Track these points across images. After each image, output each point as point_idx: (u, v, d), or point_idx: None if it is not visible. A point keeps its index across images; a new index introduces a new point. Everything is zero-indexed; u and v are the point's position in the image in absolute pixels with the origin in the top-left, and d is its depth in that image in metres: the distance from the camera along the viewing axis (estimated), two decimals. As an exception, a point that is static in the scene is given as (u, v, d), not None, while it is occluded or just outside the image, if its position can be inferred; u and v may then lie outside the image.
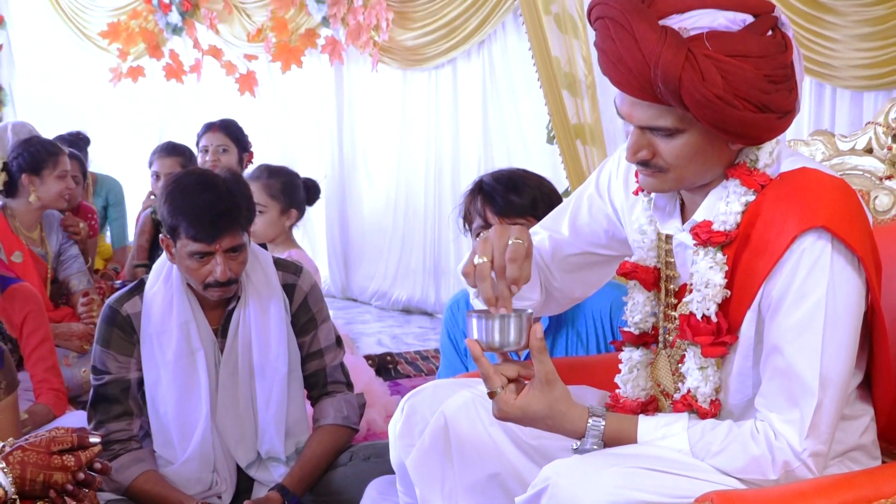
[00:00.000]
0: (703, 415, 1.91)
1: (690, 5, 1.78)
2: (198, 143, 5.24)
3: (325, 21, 6.81)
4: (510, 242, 1.88)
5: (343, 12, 6.66)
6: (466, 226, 2.88)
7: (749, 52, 1.74)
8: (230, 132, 5.22)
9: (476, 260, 1.89)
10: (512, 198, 2.77)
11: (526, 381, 1.91)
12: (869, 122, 2.36)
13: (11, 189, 4.36)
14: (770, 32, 1.79)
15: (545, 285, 2.21)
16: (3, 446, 2.03)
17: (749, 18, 1.79)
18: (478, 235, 2.72)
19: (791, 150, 2.00)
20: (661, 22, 1.77)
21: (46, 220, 4.51)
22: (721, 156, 1.89)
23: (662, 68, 1.73)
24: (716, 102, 1.73)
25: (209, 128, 5.22)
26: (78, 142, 5.81)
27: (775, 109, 1.78)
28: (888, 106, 2.32)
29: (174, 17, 7.91)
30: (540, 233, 2.24)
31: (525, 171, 2.91)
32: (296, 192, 4.18)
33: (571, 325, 2.89)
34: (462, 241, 6.29)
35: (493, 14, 5.89)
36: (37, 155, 4.36)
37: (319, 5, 6.74)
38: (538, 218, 2.69)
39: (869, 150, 2.34)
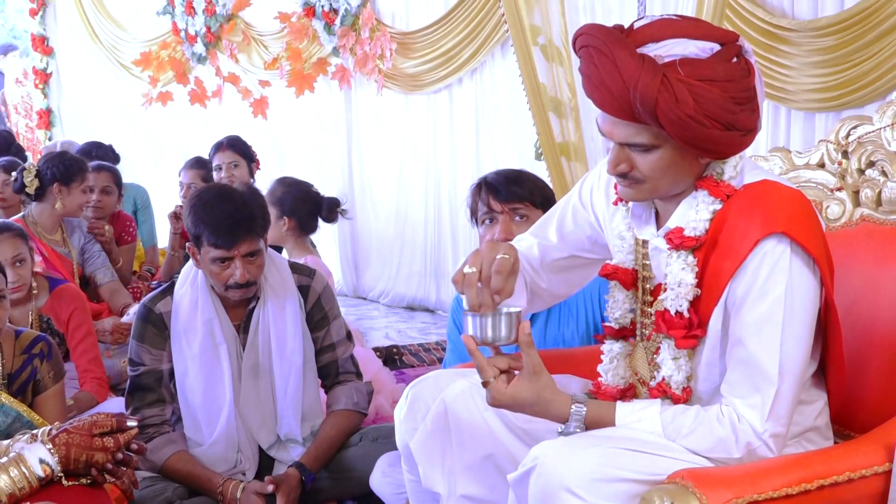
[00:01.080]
0: (675, 400, 1.91)
1: (665, 35, 1.79)
2: (211, 163, 5.23)
3: (335, 51, 6.80)
4: (498, 257, 1.89)
5: (351, 43, 6.67)
6: (472, 218, 2.88)
7: (717, 76, 1.75)
8: (237, 148, 5.21)
9: (466, 269, 1.91)
10: (513, 188, 2.77)
11: (516, 372, 1.91)
12: (821, 140, 2.36)
13: (39, 194, 4.36)
14: (735, 59, 1.80)
15: (531, 287, 2.21)
16: (50, 429, 2.03)
17: (716, 47, 1.79)
18: (483, 223, 2.80)
19: (753, 164, 2.00)
20: (639, 50, 1.77)
21: (66, 223, 4.51)
22: (691, 169, 1.89)
23: (641, 91, 1.74)
24: (688, 122, 1.74)
25: (218, 147, 5.21)
26: (108, 153, 5.85)
27: (740, 128, 1.79)
28: (839, 126, 2.32)
29: (199, 47, 7.91)
30: (529, 239, 2.24)
31: (523, 170, 2.94)
32: (296, 203, 4.14)
33: (563, 301, 2.88)
34: (458, 245, 6.30)
35: (484, 45, 5.88)
36: (71, 168, 4.38)
37: (330, 37, 6.74)
38: (535, 205, 2.75)
39: (821, 165, 2.34)
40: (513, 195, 2.77)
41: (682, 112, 1.73)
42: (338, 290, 7.15)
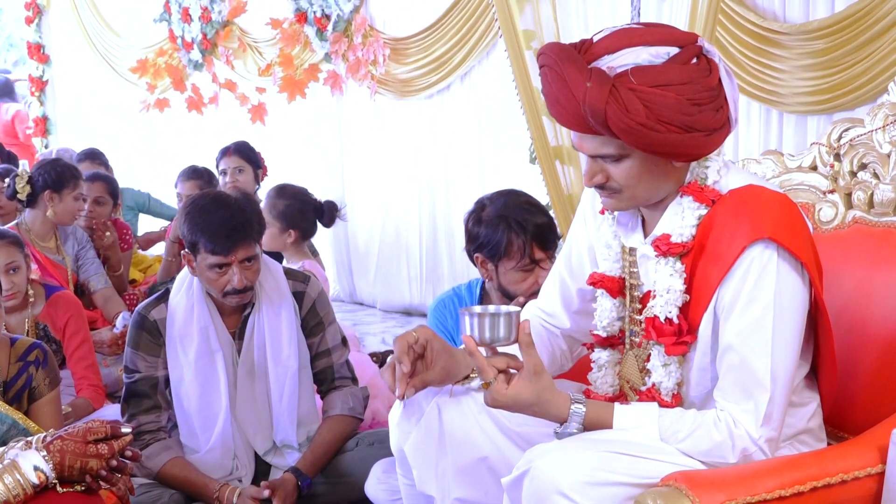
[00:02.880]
0: (664, 406, 1.91)
1: (620, 46, 1.81)
2: (217, 167, 5.23)
3: (327, 57, 6.80)
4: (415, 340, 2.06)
5: (344, 49, 6.67)
6: (490, 259, 2.82)
7: (671, 80, 1.77)
8: (244, 154, 5.20)
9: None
10: (549, 236, 2.80)
11: (513, 371, 1.91)
12: (814, 143, 2.36)
13: (31, 201, 4.35)
14: (696, 60, 1.80)
15: (566, 337, 2.25)
16: (45, 436, 2.02)
17: (673, 51, 1.80)
18: (522, 269, 2.77)
19: (738, 169, 2.00)
20: (594, 64, 1.80)
21: (60, 230, 4.48)
22: (668, 174, 1.90)
23: (589, 104, 1.76)
24: (640, 129, 1.76)
25: (225, 152, 5.21)
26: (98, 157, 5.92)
27: (701, 128, 1.80)
28: (831, 129, 2.32)
29: (195, 54, 7.91)
30: (546, 288, 2.28)
31: (540, 205, 2.93)
32: (298, 215, 4.13)
33: None
34: (454, 250, 6.29)
35: (474, 49, 5.89)
36: (62, 175, 4.35)
37: (322, 42, 6.74)
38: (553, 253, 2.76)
39: (814, 168, 2.34)
40: (552, 243, 2.79)
41: (632, 121, 1.76)
42: (334, 295, 7.14)
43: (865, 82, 3.82)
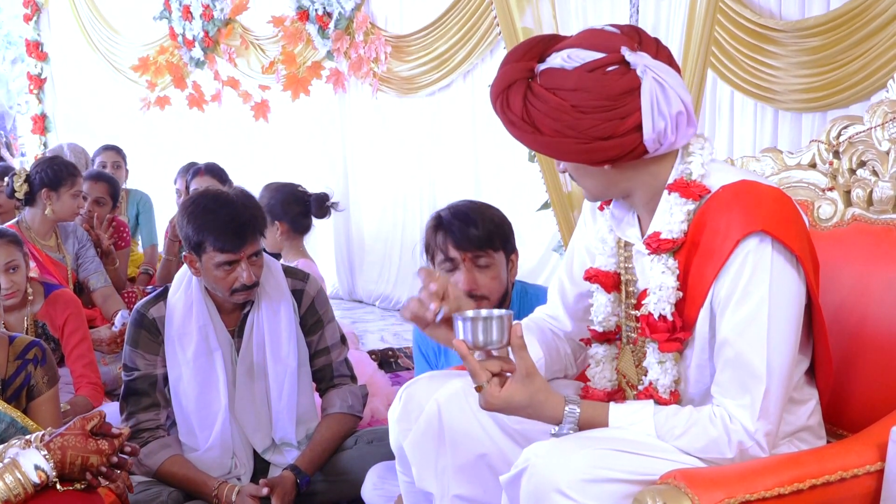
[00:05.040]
0: (662, 404, 1.90)
1: (566, 45, 1.84)
2: (187, 187, 5.14)
3: (329, 54, 6.80)
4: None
5: (346, 46, 6.66)
6: (429, 258, 2.74)
7: (563, 86, 1.80)
8: (215, 174, 5.11)
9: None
10: (471, 230, 2.64)
11: (508, 374, 1.90)
12: (813, 140, 2.35)
13: (30, 199, 4.34)
14: (613, 68, 1.79)
15: (570, 340, 2.23)
16: (43, 435, 2.02)
17: (593, 57, 1.80)
18: (442, 270, 2.65)
19: (729, 165, 2.01)
20: (545, 60, 1.85)
21: (61, 228, 4.48)
22: (609, 174, 1.90)
23: (492, 91, 1.90)
24: (514, 129, 1.87)
25: (196, 172, 5.14)
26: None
27: (575, 136, 1.80)
28: (829, 126, 2.31)
29: (197, 52, 7.90)
30: (551, 296, 2.26)
31: (479, 204, 2.76)
32: (284, 206, 4.10)
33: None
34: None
35: (477, 47, 5.89)
36: (59, 173, 4.34)
37: (324, 40, 6.74)
38: (495, 250, 2.66)
39: (813, 165, 2.33)
40: (470, 242, 2.63)
41: (506, 118, 1.86)
42: (333, 293, 7.14)
43: (861, 80, 3.82)
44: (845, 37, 3.84)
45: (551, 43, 1.87)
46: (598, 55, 1.80)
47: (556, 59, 1.82)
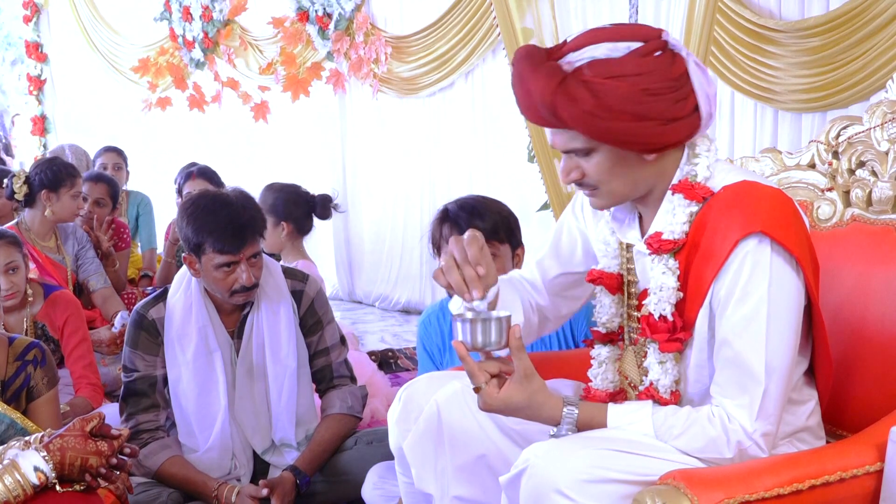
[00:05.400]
0: (663, 404, 1.90)
1: (584, 44, 1.83)
2: (180, 190, 5.12)
3: (329, 55, 6.80)
4: (466, 236, 1.94)
5: (346, 47, 6.66)
6: (435, 251, 2.80)
7: (625, 72, 1.78)
8: (207, 177, 5.09)
9: (442, 261, 1.94)
10: (476, 223, 2.69)
11: (507, 376, 1.90)
12: (812, 141, 2.35)
13: (29, 201, 4.34)
14: (659, 53, 1.81)
15: (538, 310, 2.22)
16: (42, 436, 2.02)
17: (634, 45, 1.81)
18: None
19: (730, 166, 1.99)
20: (560, 61, 1.82)
21: (61, 229, 4.48)
22: (643, 168, 1.90)
23: (538, 97, 1.80)
24: (588, 118, 1.78)
25: (188, 176, 5.12)
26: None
27: (655, 117, 1.80)
28: (829, 126, 2.31)
29: (197, 53, 7.90)
30: (530, 266, 2.25)
31: (486, 198, 2.84)
32: (289, 207, 4.11)
33: None
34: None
35: (477, 48, 5.89)
36: (58, 174, 4.34)
37: (324, 41, 6.73)
38: (500, 242, 2.71)
39: (812, 166, 2.34)
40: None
41: (578, 109, 1.78)
42: (333, 294, 7.14)
43: (860, 80, 3.82)
44: (845, 37, 3.84)
45: (556, 48, 1.87)
46: (638, 43, 1.81)
47: (599, 51, 1.81)
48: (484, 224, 2.69)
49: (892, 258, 2.11)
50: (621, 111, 1.78)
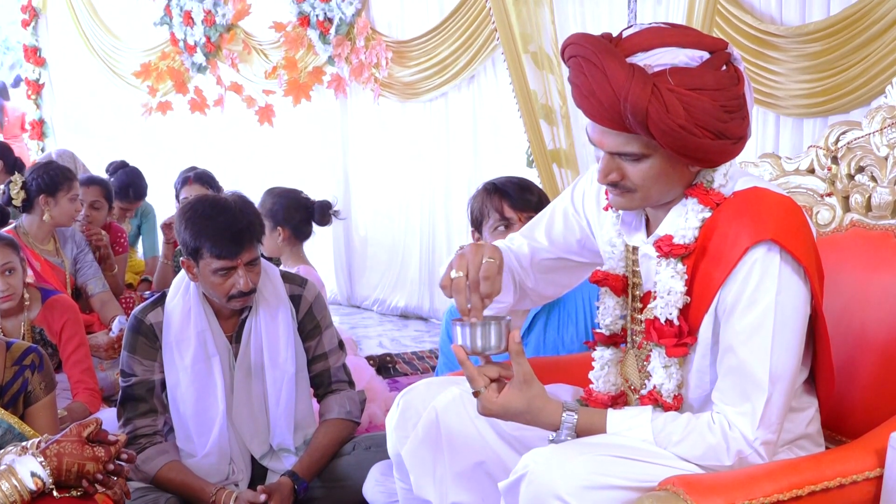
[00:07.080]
0: (666, 409, 1.89)
1: (653, 44, 1.77)
2: (178, 195, 5.11)
3: (330, 60, 6.80)
4: (484, 261, 1.88)
5: (347, 52, 6.66)
6: (476, 223, 2.91)
7: (706, 85, 1.73)
8: (205, 182, 5.11)
9: (453, 274, 1.90)
10: (526, 195, 2.84)
11: (506, 381, 1.90)
12: (811, 146, 2.35)
13: (27, 206, 4.34)
14: (724, 67, 1.78)
15: (520, 285, 2.20)
16: (39, 441, 2.01)
17: (706, 55, 1.77)
18: (495, 229, 2.83)
19: (744, 171, 1.99)
20: (628, 59, 1.76)
21: (59, 233, 4.48)
22: (682, 177, 1.88)
23: (632, 101, 1.72)
24: (679, 131, 1.73)
25: (185, 181, 5.12)
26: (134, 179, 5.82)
27: (730, 136, 1.78)
28: (828, 132, 2.31)
29: (199, 57, 7.90)
30: (518, 239, 2.23)
31: (525, 178, 3.01)
32: (287, 212, 4.10)
33: (562, 305, 2.88)
34: (453, 254, 6.26)
35: (479, 54, 5.88)
36: (55, 178, 4.35)
37: (325, 46, 6.74)
38: None
39: (811, 171, 2.34)
40: (527, 204, 2.82)
41: (672, 122, 1.72)
42: (332, 298, 7.13)
43: (861, 85, 3.82)
44: (846, 42, 3.84)
45: (617, 39, 1.80)
46: (706, 53, 1.77)
47: (678, 58, 1.75)
48: (533, 197, 2.85)
49: (892, 264, 2.11)
50: (705, 127, 1.74)
